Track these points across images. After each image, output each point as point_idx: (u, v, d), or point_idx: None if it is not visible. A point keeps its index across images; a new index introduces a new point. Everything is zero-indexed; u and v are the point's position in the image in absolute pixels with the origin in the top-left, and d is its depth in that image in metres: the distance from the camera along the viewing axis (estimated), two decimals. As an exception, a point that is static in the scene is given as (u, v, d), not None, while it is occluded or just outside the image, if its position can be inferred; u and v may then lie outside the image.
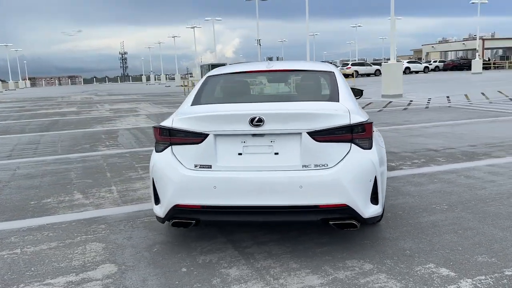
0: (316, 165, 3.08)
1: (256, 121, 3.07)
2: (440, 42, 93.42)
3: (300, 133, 3.09)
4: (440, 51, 79.72)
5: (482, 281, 2.83)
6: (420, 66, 52.93)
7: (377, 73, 50.88)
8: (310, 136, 3.08)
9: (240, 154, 3.16)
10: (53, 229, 4.15)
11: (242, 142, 3.17)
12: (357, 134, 3.13)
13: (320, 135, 3.09)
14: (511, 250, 3.27)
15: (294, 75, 4.30)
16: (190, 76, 63.69)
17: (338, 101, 3.50)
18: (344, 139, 3.12)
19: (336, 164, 3.08)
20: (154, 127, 3.51)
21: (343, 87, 3.78)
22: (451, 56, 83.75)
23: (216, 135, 3.17)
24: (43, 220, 4.44)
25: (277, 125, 3.09)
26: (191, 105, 3.65)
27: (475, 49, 59.03)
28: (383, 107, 14.46)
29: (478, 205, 4.32)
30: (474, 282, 2.82)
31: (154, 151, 3.48)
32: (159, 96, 29.07)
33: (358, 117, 3.18)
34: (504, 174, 5.40)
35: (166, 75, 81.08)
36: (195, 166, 3.20)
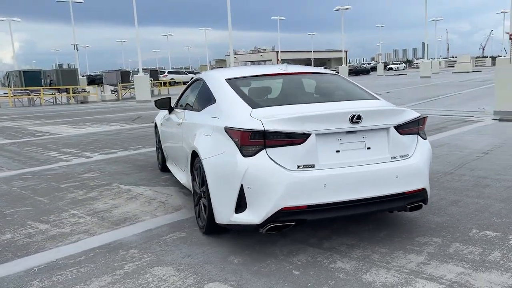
0: (401, 156, 3.44)
1: (356, 119, 3.25)
2: (251, 52, 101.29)
3: (388, 128, 3.41)
4: (241, 62, 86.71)
5: None
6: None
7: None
8: (396, 130, 3.43)
9: (338, 151, 3.29)
10: (78, 264, 3.46)
11: (338, 139, 3.30)
12: (420, 126, 3.61)
13: (402, 129, 3.46)
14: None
15: (308, 78, 4.52)
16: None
17: (379, 100, 3.94)
18: (414, 131, 3.56)
19: (413, 153, 3.50)
20: (237, 130, 3.32)
21: (362, 86, 4.25)
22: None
23: (317, 135, 3.22)
24: (40, 258, 3.62)
25: (372, 121, 3.33)
26: (254, 108, 3.54)
27: (271, 60, 65.87)
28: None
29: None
30: None
31: (236, 156, 3.27)
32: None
33: (415, 112, 3.65)
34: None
35: None
36: (298, 166, 3.19)
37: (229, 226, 3.45)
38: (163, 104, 5.60)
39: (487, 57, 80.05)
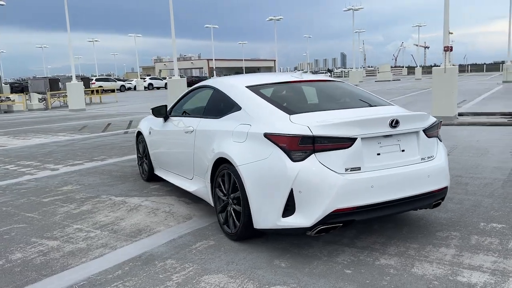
0: (428, 157, 3.71)
1: (395, 123, 3.47)
2: (168, 60, 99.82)
3: (418, 131, 3.67)
4: (171, 69, 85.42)
5: None
6: (162, 83, 55.71)
7: (122, 88, 50.93)
8: (424, 133, 3.70)
9: (378, 154, 3.48)
10: (120, 278, 3.32)
11: (378, 143, 3.49)
12: (438, 129, 3.93)
13: (428, 132, 3.74)
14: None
15: (324, 85, 4.69)
16: None
17: (394, 105, 4.22)
18: (435, 134, 3.86)
19: (436, 154, 3.80)
20: (283, 136, 3.39)
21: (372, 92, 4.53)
22: (186, 73, 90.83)
23: (362, 138, 3.39)
24: (72, 276, 3.43)
25: (406, 125, 3.57)
26: (291, 114, 3.64)
27: (202, 67, 65.59)
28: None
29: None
30: None
31: (284, 161, 3.34)
32: None
33: (433, 117, 3.97)
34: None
35: None
36: (346, 169, 3.33)
37: (274, 230, 3.51)
38: (159, 111, 5.51)
39: (402, 67, 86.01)
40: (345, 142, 3.34)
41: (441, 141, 4.00)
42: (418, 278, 3.12)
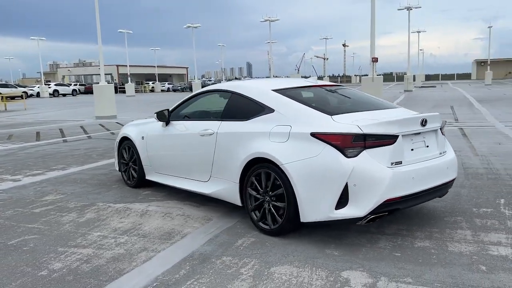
0: (443, 152, 4.27)
1: (424, 122, 3.97)
2: (76, 66, 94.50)
3: (437, 129, 4.21)
4: (76, 75, 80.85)
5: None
6: (69, 89, 52.65)
7: (24, 95, 47.13)
8: (440, 131, 4.25)
9: (412, 149, 3.94)
10: (188, 277, 3.37)
11: (411, 140, 3.95)
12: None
13: (442, 130, 4.31)
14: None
15: (339, 89, 5.07)
16: None
17: (401, 107, 4.75)
18: (442, 132, 4.44)
19: (447, 149, 4.38)
20: (335, 135, 3.69)
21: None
22: (90, 80, 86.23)
23: (402, 136, 3.82)
24: (136, 279, 3.41)
25: (430, 124, 4.08)
26: (332, 115, 3.97)
27: (111, 73, 63.22)
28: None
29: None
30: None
31: (338, 158, 3.65)
32: None
33: None
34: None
35: None
36: (391, 163, 3.74)
37: (326, 222, 3.78)
38: (163, 115, 5.53)
39: (309, 76, 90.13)
40: (390, 139, 3.75)
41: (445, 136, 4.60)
42: (459, 255, 3.61)
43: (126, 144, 6.37)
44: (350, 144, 3.67)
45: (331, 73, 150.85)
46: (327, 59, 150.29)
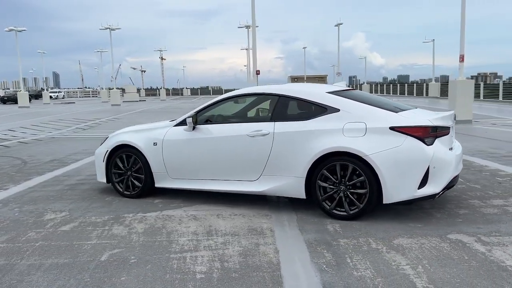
0: (452, 146, 5.40)
1: (455, 118, 5.07)
2: None
3: (453, 125, 5.36)
4: None
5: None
6: None
7: None
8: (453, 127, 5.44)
9: (452, 137, 5.00)
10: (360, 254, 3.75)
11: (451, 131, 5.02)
12: None
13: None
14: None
15: (359, 92, 5.81)
16: None
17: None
18: None
19: (456, 143, 5.54)
20: (416, 127, 4.48)
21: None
22: None
23: (451, 128, 4.85)
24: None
25: (454, 120, 5.21)
26: (397, 112, 4.78)
27: None
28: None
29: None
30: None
31: (421, 146, 4.43)
32: None
33: None
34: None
35: None
36: (449, 149, 4.73)
37: (408, 201, 4.54)
38: (194, 120, 5.53)
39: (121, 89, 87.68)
40: (447, 130, 4.75)
41: None
42: (496, 244, 4.48)
43: (122, 152, 6.01)
44: (429, 134, 4.54)
45: (149, 85, 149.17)
46: (145, 71, 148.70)
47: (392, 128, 4.59)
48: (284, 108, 5.23)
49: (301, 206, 5.27)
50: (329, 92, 5.15)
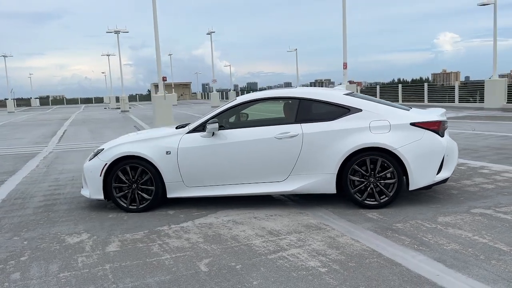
0: None
1: (445, 113, 6.01)
2: None
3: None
4: None
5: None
6: None
7: None
8: None
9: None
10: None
11: None
12: None
13: None
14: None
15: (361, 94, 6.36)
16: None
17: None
18: None
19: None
20: (432, 122, 5.25)
21: None
22: None
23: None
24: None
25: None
26: (408, 111, 5.52)
27: None
28: None
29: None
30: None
31: (438, 138, 5.22)
32: None
33: None
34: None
35: None
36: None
37: (430, 185, 5.29)
38: (216, 126, 5.51)
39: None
40: (446, 124, 5.64)
41: None
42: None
43: (125, 164, 5.65)
44: (441, 127, 5.37)
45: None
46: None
47: (412, 124, 5.30)
48: (307, 110, 5.57)
49: (321, 201, 5.67)
50: (346, 94, 5.66)
